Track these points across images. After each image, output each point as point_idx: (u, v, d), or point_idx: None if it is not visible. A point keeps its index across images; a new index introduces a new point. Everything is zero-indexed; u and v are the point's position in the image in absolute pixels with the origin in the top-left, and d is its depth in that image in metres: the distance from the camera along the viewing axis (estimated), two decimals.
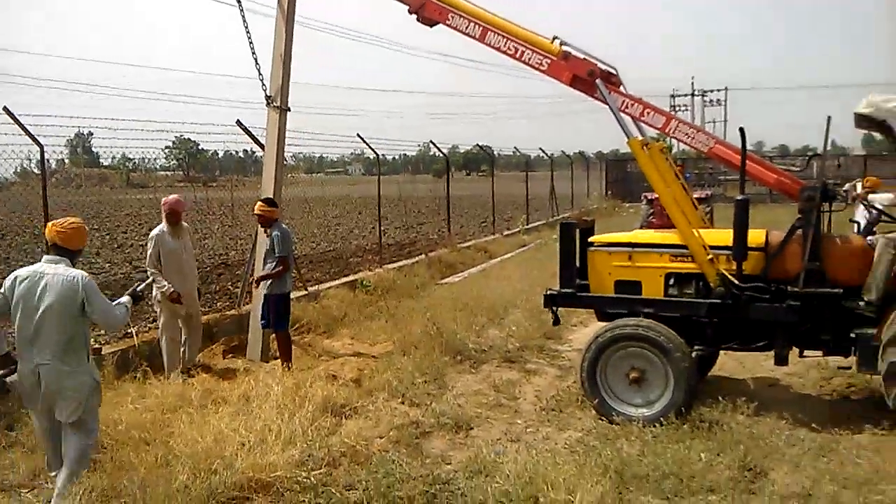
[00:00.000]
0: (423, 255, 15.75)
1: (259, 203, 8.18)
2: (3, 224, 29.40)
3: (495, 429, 6.37)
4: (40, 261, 4.85)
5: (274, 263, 7.95)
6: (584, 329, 9.63)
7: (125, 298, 5.17)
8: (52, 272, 4.72)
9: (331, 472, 5.34)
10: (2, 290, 4.78)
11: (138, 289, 5.48)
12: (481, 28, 7.24)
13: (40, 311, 4.64)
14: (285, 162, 9.58)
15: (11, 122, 7.61)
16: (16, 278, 4.75)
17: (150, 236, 8.05)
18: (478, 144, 23.78)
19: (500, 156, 33.67)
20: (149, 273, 7.80)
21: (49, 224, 5.01)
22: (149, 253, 7.98)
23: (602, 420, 6.33)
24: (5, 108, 7.63)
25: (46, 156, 8.32)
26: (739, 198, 6.21)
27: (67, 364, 4.72)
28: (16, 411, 6.51)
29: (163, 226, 8.06)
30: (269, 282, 8.04)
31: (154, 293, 7.93)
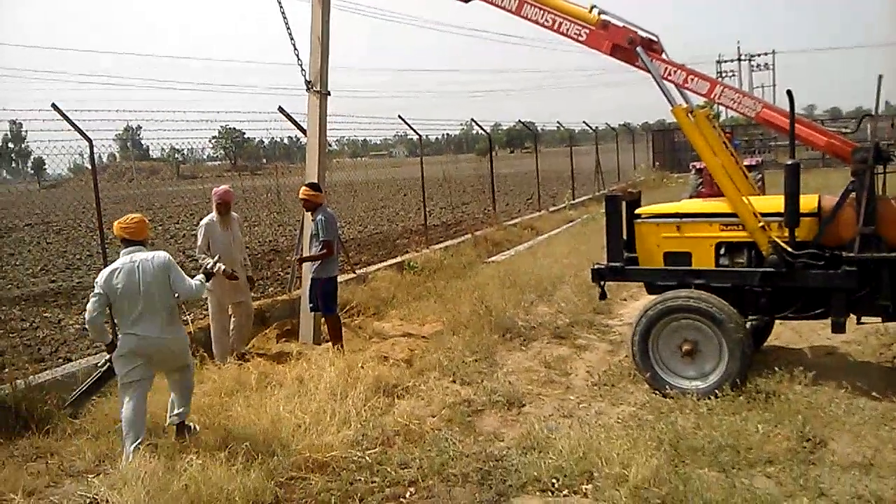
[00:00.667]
0: (469, 235, 15.76)
1: (303, 188, 8.27)
2: (60, 219, 30.29)
3: (547, 405, 6.37)
4: (119, 257, 5.59)
5: (319, 247, 8.04)
6: (634, 303, 9.53)
7: (199, 276, 5.99)
8: (140, 258, 5.49)
9: (385, 451, 5.42)
10: (96, 293, 5.44)
11: (209, 266, 6.28)
12: (517, 1, 7.15)
13: (142, 291, 5.42)
14: (330, 147, 9.67)
15: (60, 118, 7.78)
16: (112, 272, 5.45)
17: (199, 225, 8.22)
18: (520, 121, 23.59)
19: (544, 131, 33.39)
20: (198, 255, 8.04)
21: (115, 224, 5.68)
22: (199, 241, 8.16)
23: (655, 394, 6.27)
24: (53, 105, 7.81)
25: (97, 150, 8.51)
26: (789, 162, 6.05)
27: (171, 332, 5.60)
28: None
29: (213, 215, 8.20)
30: (315, 266, 8.13)
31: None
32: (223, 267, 6.98)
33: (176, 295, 5.65)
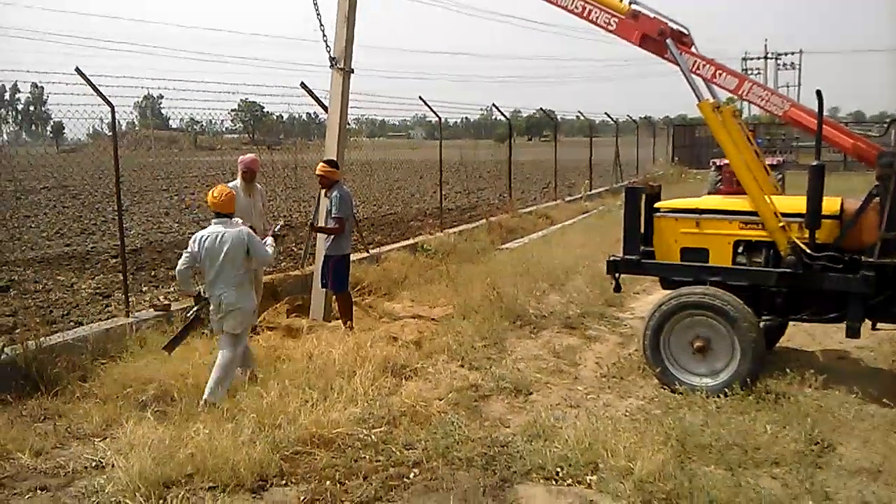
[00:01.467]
0: (483, 220, 15.72)
1: (321, 164, 8.26)
2: (77, 183, 30.42)
3: (555, 394, 6.35)
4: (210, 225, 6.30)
5: (333, 223, 8.03)
6: (647, 297, 9.48)
7: (269, 239, 6.77)
8: (224, 229, 6.21)
9: (391, 430, 5.42)
10: (188, 251, 6.22)
11: (276, 229, 7.13)
12: None
13: (221, 256, 6.13)
14: (348, 125, 9.62)
15: (83, 82, 7.77)
16: (199, 238, 6.22)
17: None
18: (541, 108, 23.46)
19: (564, 120, 33.17)
20: None
21: (208, 196, 6.37)
22: None
23: (664, 389, 6.24)
24: (77, 69, 7.80)
25: (117, 117, 8.50)
26: (814, 163, 5.97)
27: (239, 292, 6.25)
28: (88, 363, 6.78)
29: (237, 181, 8.21)
30: (328, 243, 8.13)
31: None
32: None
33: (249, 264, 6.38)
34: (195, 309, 6.45)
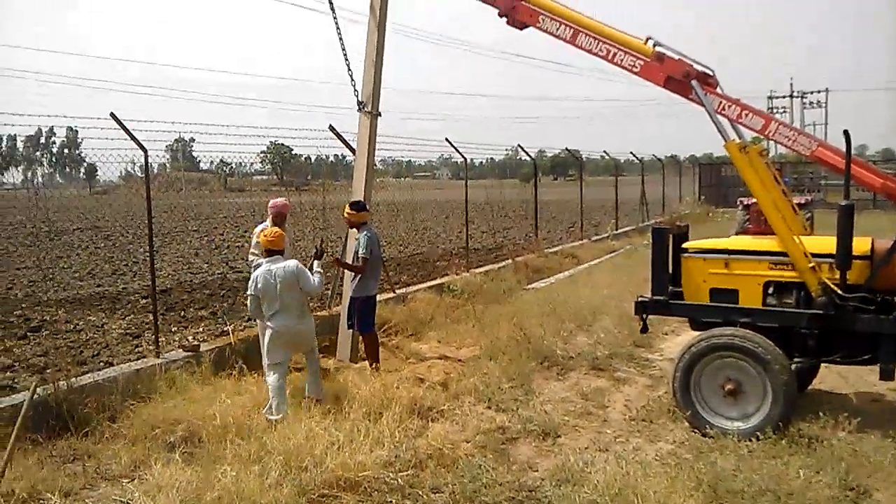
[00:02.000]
0: (509, 260, 15.69)
1: (347, 207, 8.34)
2: (109, 224, 30.98)
3: (583, 437, 6.28)
4: (263, 263, 7.01)
5: (359, 263, 8.08)
6: (676, 338, 9.38)
7: (315, 265, 7.25)
8: (274, 266, 6.87)
9: (417, 473, 5.38)
10: (250, 293, 6.96)
11: (318, 246, 7.62)
12: (572, 30, 7.14)
13: (277, 291, 6.80)
14: (375, 166, 9.73)
15: (118, 127, 7.95)
16: (255, 279, 6.90)
17: (255, 231, 8.35)
18: (566, 148, 23.53)
19: (589, 160, 33.18)
20: (250, 258, 8.23)
21: (262, 236, 7.19)
22: (254, 242, 8.26)
23: (695, 432, 6.13)
24: (112, 114, 7.99)
25: (149, 160, 8.67)
26: (843, 203, 5.92)
27: (303, 319, 7.03)
28: (118, 403, 6.84)
29: (268, 223, 8.32)
30: (355, 284, 8.17)
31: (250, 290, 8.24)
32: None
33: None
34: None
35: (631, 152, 28.01)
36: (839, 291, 5.95)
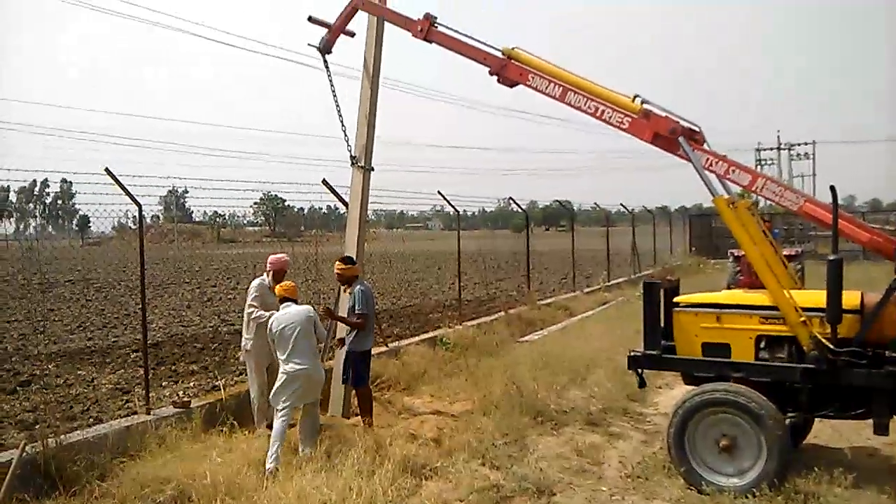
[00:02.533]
0: (502, 312, 15.70)
1: (337, 263, 8.35)
2: (100, 276, 30.88)
3: (578, 496, 6.21)
4: (277, 309, 7.50)
5: (355, 319, 8.05)
6: (670, 391, 9.36)
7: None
8: (290, 311, 7.32)
9: None
10: (270, 337, 7.32)
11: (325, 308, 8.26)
12: (562, 88, 7.29)
13: (294, 335, 7.16)
14: (367, 218, 9.79)
15: (112, 182, 7.99)
16: (272, 322, 7.32)
17: (254, 284, 8.34)
18: (557, 200, 23.74)
19: (580, 210, 33.47)
20: (248, 309, 8.20)
21: (277, 287, 7.71)
22: (250, 299, 8.25)
23: (690, 489, 6.08)
24: (107, 169, 8.05)
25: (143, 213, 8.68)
26: (832, 258, 5.98)
27: (316, 366, 7.35)
28: (107, 461, 6.74)
29: (265, 278, 8.34)
30: (350, 338, 8.15)
31: (243, 344, 8.21)
32: (261, 321, 7.90)
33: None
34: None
35: (621, 204, 28.26)
36: (830, 346, 5.96)
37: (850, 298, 6.10)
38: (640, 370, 6.95)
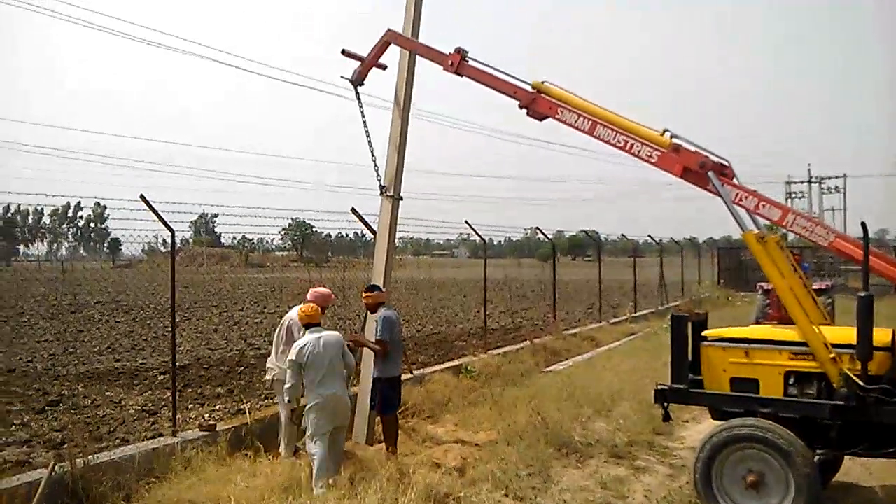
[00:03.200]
0: (527, 342, 15.65)
1: (364, 293, 8.42)
2: (130, 299, 31.27)
3: None
4: (304, 334, 7.34)
5: (374, 346, 8.09)
6: (697, 426, 9.25)
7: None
8: (321, 336, 7.26)
9: None
10: (293, 361, 7.09)
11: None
12: (591, 122, 7.34)
13: (327, 360, 7.15)
14: (395, 245, 9.85)
15: (146, 207, 8.15)
16: (303, 347, 7.14)
17: (288, 317, 8.21)
18: (583, 230, 23.74)
19: (607, 241, 33.34)
20: (285, 346, 7.98)
21: (300, 312, 7.52)
22: (297, 329, 7.90)
23: None
24: (142, 196, 8.22)
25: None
26: (862, 294, 5.92)
27: (343, 389, 7.30)
28: (133, 482, 6.81)
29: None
30: (378, 365, 8.17)
31: (275, 373, 8.18)
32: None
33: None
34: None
35: (649, 235, 28.13)
36: (860, 382, 5.88)
37: (881, 335, 6.03)
38: (665, 404, 6.90)
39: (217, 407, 10.60)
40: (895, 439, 5.95)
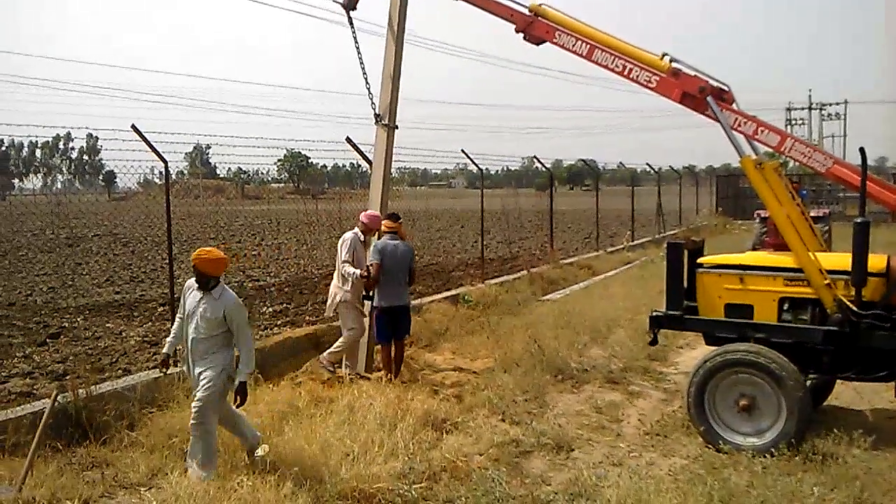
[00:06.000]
0: (524, 271, 15.70)
1: (385, 221, 8.47)
2: (127, 231, 31.27)
3: (597, 451, 6.29)
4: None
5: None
6: (691, 352, 9.37)
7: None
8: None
9: (431, 486, 5.42)
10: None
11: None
12: (588, 46, 7.20)
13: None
14: (391, 175, 9.78)
15: (139, 138, 8.06)
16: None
17: (347, 238, 8.45)
18: (581, 159, 23.57)
19: (605, 170, 33.17)
20: (342, 266, 8.31)
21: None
22: (345, 254, 8.33)
23: (709, 448, 6.13)
24: (133, 126, 8.12)
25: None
26: (858, 220, 5.92)
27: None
28: (136, 411, 6.91)
29: (357, 233, 8.48)
30: (374, 294, 8.18)
31: (340, 297, 8.47)
32: (353, 276, 8.13)
33: None
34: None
35: (647, 163, 27.96)
36: (854, 308, 5.94)
37: (875, 262, 6.06)
38: (657, 330, 6.96)
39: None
40: (887, 364, 6.05)
